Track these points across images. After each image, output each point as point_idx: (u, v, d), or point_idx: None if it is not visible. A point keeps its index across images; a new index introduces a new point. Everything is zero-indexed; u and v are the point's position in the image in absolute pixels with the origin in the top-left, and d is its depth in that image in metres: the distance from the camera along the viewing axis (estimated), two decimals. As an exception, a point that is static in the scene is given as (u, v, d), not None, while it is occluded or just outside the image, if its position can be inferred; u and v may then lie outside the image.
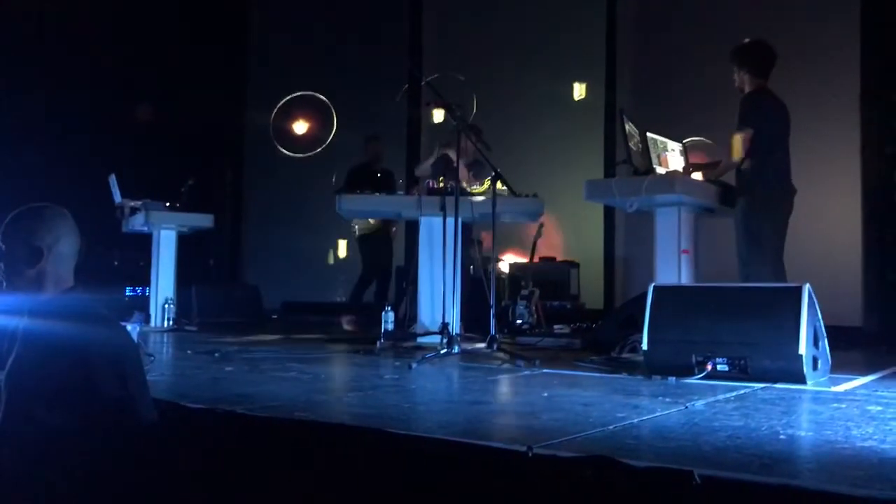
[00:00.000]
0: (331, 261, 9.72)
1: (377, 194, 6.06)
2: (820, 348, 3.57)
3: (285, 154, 8.60)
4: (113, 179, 7.29)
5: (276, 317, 8.84)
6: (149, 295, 7.42)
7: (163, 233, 7.25)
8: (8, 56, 8.30)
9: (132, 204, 7.20)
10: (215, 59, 10.60)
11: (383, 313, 5.65)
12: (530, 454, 1.86)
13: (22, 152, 8.28)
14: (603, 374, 3.79)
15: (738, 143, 4.58)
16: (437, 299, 5.28)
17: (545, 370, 3.92)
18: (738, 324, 3.51)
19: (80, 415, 1.99)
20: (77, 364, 2.00)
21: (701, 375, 3.44)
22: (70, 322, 2.07)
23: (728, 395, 3.05)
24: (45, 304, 2.15)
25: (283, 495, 2.08)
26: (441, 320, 4.95)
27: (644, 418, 2.53)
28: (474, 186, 5.82)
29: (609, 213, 7.95)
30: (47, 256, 2.17)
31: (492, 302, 4.76)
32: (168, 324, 6.88)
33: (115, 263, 8.89)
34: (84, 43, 8.76)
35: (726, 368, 3.46)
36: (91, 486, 1.99)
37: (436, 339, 4.85)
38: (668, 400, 2.93)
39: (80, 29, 8.78)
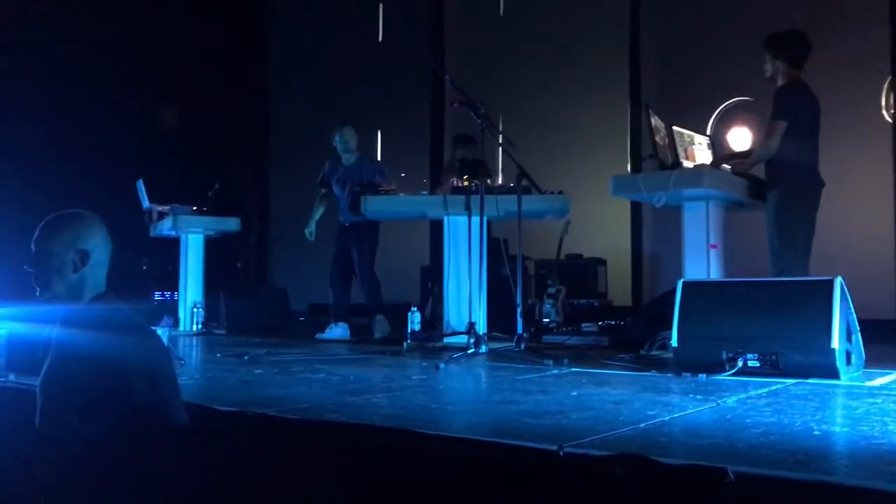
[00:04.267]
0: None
1: (402, 195, 6.07)
2: (853, 342, 3.52)
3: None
4: (140, 184, 7.36)
5: (303, 319, 8.88)
6: (177, 299, 7.49)
7: (190, 237, 7.30)
8: (32, 61, 8.42)
9: (160, 209, 7.27)
10: (239, 63, 10.67)
11: (409, 314, 5.66)
12: (561, 453, 1.85)
13: (48, 158, 8.41)
14: (632, 372, 3.77)
15: (770, 134, 4.52)
16: (464, 299, 5.28)
17: (573, 369, 3.90)
18: (768, 319, 3.47)
19: (114, 420, 2.01)
20: (111, 372, 2.02)
21: (732, 372, 3.41)
22: (103, 331, 2.09)
23: (760, 392, 3.02)
24: (78, 313, 2.18)
25: (315, 497, 2.08)
26: (467, 320, 4.95)
27: (675, 416, 2.50)
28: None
29: (636, 208, 7.90)
30: (91, 262, 2.20)
31: (518, 301, 4.75)
32: (197, 327, 6.93)
33: (144, 268, 8.98)
34: (107, 48, 8.86)
35: (757, 364, 3.43)
36: (125, 489, 2.01)
37: (462, 339, 4.84)
38: (699, 397, 2.90)
39: (103, 33, 8.87)
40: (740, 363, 3.42)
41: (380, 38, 9.84)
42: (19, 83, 8.38)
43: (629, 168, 7.40)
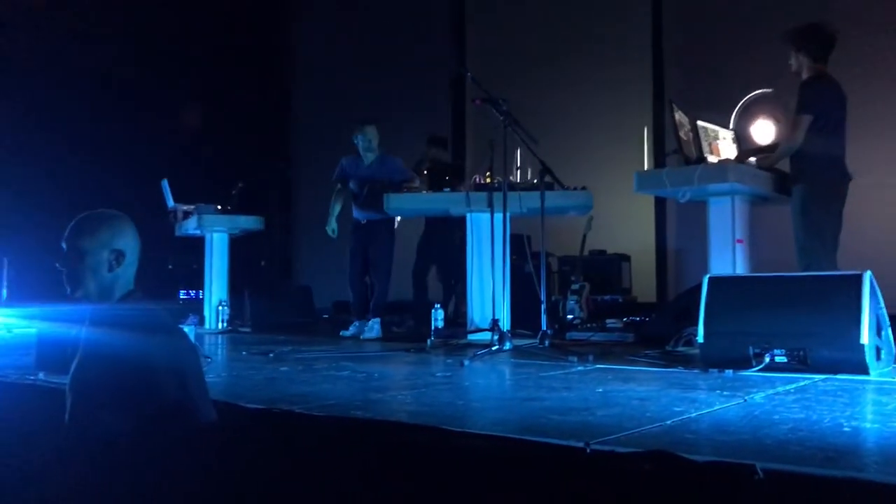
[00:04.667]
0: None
1: (425, 192, 6.07)
2: (883, 337, 3.48)
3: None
4: (165, 184, 7.43)
5: (326, 316, 8.92)
6: (202, 297, 7.54)
7: (215, 235, 7.35)
8: (58, 62, 8.52)
9: (184, 208, 7.32)
10: (262, 63, 10.73)
11: (433, 311, 5.66)
12: (588, 450, 1.85)
13: (74, 158, 8.51)
14: (658, 369, 3.75)
15: (795, 128, 4.47)
16: (487, 296, 5.28)
17: (598, 365, 3.89)
18: (796, 314, 3.44)
19: (143, 417, 2.03)
20: (139, 370, 2.04)
21: (759, 368, 3.38)
22: (132, 330, 2.11)
23: (788, 388, 2.99)
24: (106, 312, 2.20)
25: (341, 493, 2.09)
26: (491, 317, 4.94)
27: (702, 412, 2.49)
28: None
29: (660, 203, 7.85)
30: (125, 261, 2.22)
31: (542, 297, 4.73)
32: (222, 326, 6.98)
33: (169, 267, 9.06)
34: (132, 49, 8.95)
35: (785, 360, 3.40)
36: (154, 486, 2.03)
37: (486, 336, 4.84)
38: (725, 393, 2.88)
39: (127, 35, 8.96)
40: (767, 359, 3.39)
41: (401, 37, 9.83)
42: (45, 84, 8.49)
43: (653, 163, 7.34)
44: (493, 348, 4.45)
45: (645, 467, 1.75)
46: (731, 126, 5.14)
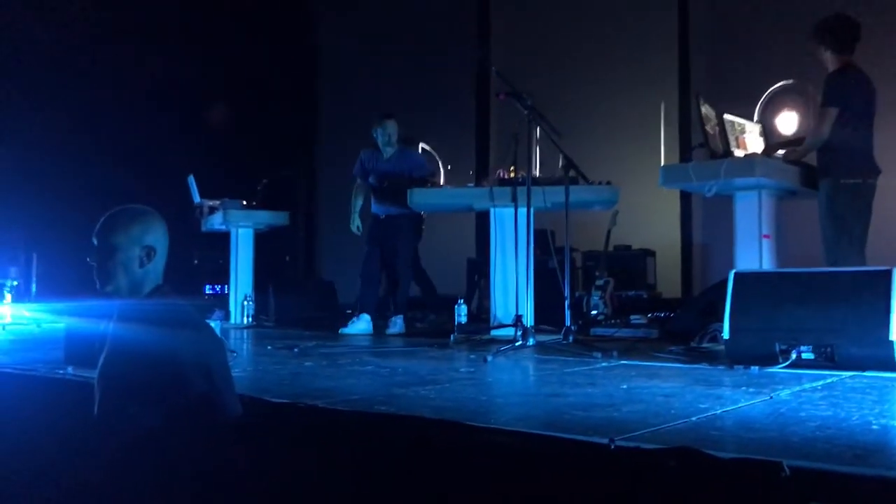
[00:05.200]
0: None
1: (448, 187, 6.07)
2: (912, 334, 3.43)
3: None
4: (191, 180, 7.49)
5: (350, 312, 8.95)
6: (228, 293, 7.60)
7: (240, 231, 7.41)
8: (82, 60, 8.61)
9: (210, 203, 7.38)
10: (288, 59, 10.78)
11: (456, 307, 5.67)
12: (612, 446, 1.84)
13: (102, 155, 8.61)
14: (683, 365, 3.72)
15: (821, 122, 4.42)
16: (510, 291, 5.27)
17: (623, 361, 3.87)
18: (823, 310, 3.40)
19: (170, 410, 2.05)
20: (167, 365, 2.06)
21: (785, 364, 3.35)
22: (159, 325, 2.13)
23: (815, 385, 2.96)
24: (134, 307, 2.22)
25: (366, 488, 2.10)
26: (514, 312, 4.93)
27: (727, 409, 2.47)
28: None
29: (686, 198, 7.79)
30: (155, 257, 2.24)
31: (566, 293, 4.72)
32: (247, 320, 7.03)
33: (195, 262, 9.14)
34: (158, 48, 9.02)
35: (812, 357, 3.36)
36: (181, 478, 2.06)
37: (509, 331, 4.84)
38: (751, 390, 2.86)
39: (154, 34, 9.04)
40: (794, 355, 3.36)
41: (426, 32, 9.83)
42: (72, 82, 8.59)
43: (678, 157, 7.29)
44: (517, 344, 4.45)
45: (670, 464, 1.74)
46: (755, 118, 5.09)
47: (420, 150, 6.83)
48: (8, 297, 6.85)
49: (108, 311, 2.30)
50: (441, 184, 6.19)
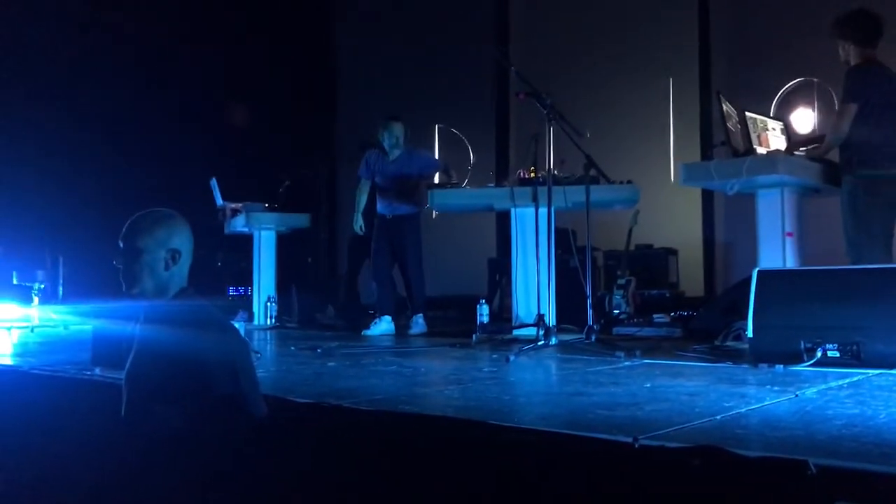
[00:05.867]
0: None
1: (468, 187, 6.08)
2: (939, 331, 3.39)
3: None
4: (214, 183, 7.55)
5: (371, 312, 8.97)
6: (251, 294, 7.65)
7: (263, 233, 7.46)
8: (105, 63, 8.71)
9: (233, 206, 7.44)
10: (307, 61, 10.83)
11: (477, 306, 5.67)
12: (636, 445, 1.84)
13: (125, 158, 8.70)
14: (706, 364, 3.71)
15: (841, 118, 4.38)
16: (532, 291, 5.27)
17: (646, 360, 3.86)
18: (848, 307, 3.37)
19: (196, 411, 2.08)
20: (193, 366, 2.09)
21: (810, 362, 3.32)
22: (185, 327, 2.16)
23: (840, 383, 2.94)
24: (160, 309, 2.25)
25: (389, 487, 2.12)
26: (536, 312, 4.93)
27: (752, 407, 2.46)
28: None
29: (707, 196, 7.75)
30: (180, 260, 2.27)
31: (588, 292, 4.71)
32: (270, 321, 7.07)
33: (218, 264, 9.21)
34: (179, 49, 9.10)
35: (837, 355, 3.33)
36: (208, 477, 2.08)
37: (531, 331, 4.83)
38: (776, 388, 2.84)
39: (173, 34, 9.12)
40: (819, 353, 3.33)
41: (444, 32, 9.84)
42: (96, 86, 8.68)
43: (700, 155, 7.25)
44: (539, 343, 4.44)
45: (694, 462, 1.74)
46: (771, 115, 5.05)
47: (451, 137, 6.89)
48: (35, 299, 6.95)
49: (135, 314, 2.33)
50: (455, 180, 6.18)
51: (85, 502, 2.53)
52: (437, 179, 6.35)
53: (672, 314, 6.14)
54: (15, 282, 7.26)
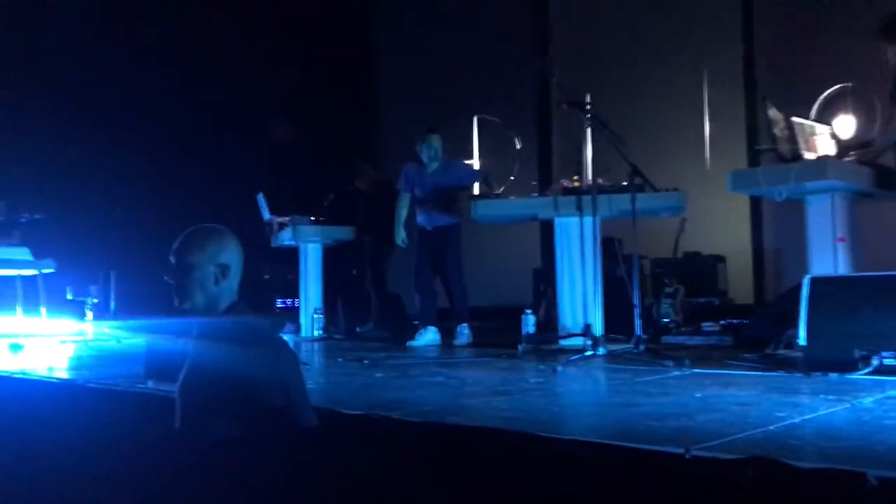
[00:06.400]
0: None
1: (512, 198, 6.07)
2: None
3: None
4: (261, 197, 7.65)
5: (416, 323, 9.00)
6: (297, 306, 7.73)
7: (309, 246, 7.54)
8: (154, 82, 8.90)
9: (280, 220, 7.54)
10: (350, 74, 10.94)
11: (523, 316, 5.65)
12: (688, 456, 1.82)
13: (175, 175, 8.89)
14: (758, 373, 3.65)
15: (890, 121, 4.29)
16: (578, 301, 5.23)
17: (696, 370, 3.81)
18: (906, 315, 3.29)
19: (248, 424, 2.10)
20: (244, 381, 2.12)
21: (866, 371, 3.25)
22: (237, 341, 2.19)
23: (899, 391, 2.87)
24: (213, 324, 2.29)
25: (440, 499, 2.12)
26: (583, 322, 4.90)
27: (806, 417, 2.41)
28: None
29: (756, 203, 7.64)
30: (230, 274, 2.31)
31: (636, 301, 4.67)
32: (317, 333, 7.14)
33: (265, 277, 9.31)
34: (224, 66, 9.27)
35: (894, 363, 3.25)
36: (260, 489, 2.11)
37: (578, 341, 4.80)
38: (831, 398, 2.78)
39: (219, 52, 9.29)
40: (875, 362, 3.26)
41: (486, 42, 9.86)
42: (145, 105, 8.89)
43: (746, 162, 7.15)
44: (587, 353, 4.41)
45: (748, 474, 1.71)
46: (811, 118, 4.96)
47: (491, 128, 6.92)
48: (89, 314, 7.10)
49: (187, 329, 2.37)
50: (497, 190, 6.17)
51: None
52: (476, 190, 6.36)
53: (721, 322, 6.06)
54: (69, 297, 7.42)
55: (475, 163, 7.21)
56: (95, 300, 7.33)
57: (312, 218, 7.50)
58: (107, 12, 8.69)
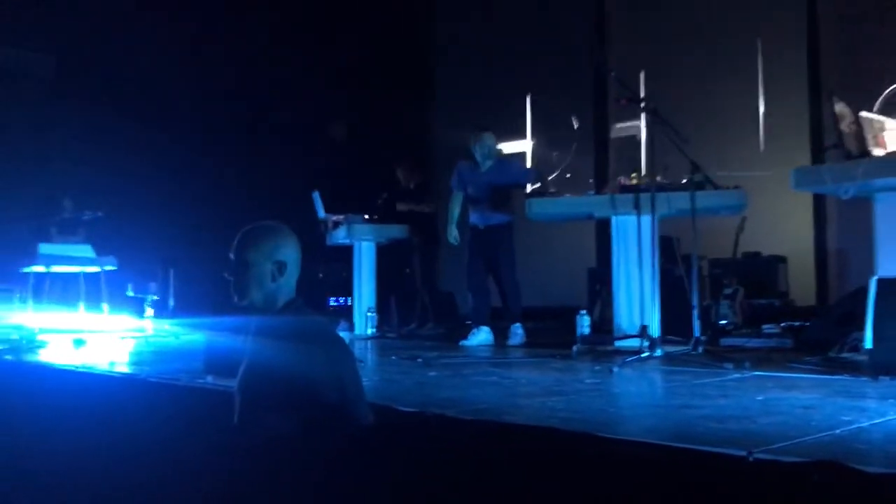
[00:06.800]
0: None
1: (567, 195, 6.01)
2: None
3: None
4: (316, 196, 7.72)
5: (469, 322, 8.99)
6: (351, 304, 7.78)
7: (363, 244, 7.58)
8: (212, 84, 9.07)
9: (335, 218, 7.59)
10: (404, 72, 10.99)
11: (577, 317, 5.59)
12: (751, 458, 1.77)
13: (233, 174, 9.03)
14: (821, 376, 3.55)
15: None
16: (635, 301, 5.16)
17: (756, 372, 3.72)
18: (979, 317, 3.17)
19: (306, 419, 2.12)
20: (301, 377, 2.14)
21: (937, 375, 3.14)
22: (295, 338, 2.21)
23: (972, 397, 2.76)
24: (270, 321, 2.31)
25: (496, 497, 2.11)
26: (639, 323, 4.83)
27: (874, 422, 2.34)
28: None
29: (819, 201, 7.46)
30: (286, 271, 2.33)
31: (694, 302, 4.58)
32: (370, 332, 7.17)
33: (320, 276, 9.40)
34: (278, 67, 9.40)
35: (966, 367, 3.14)
36: (317, 484, 2.12)
37: (634, 342, 4.73)
38: (900, 402, 2.70)
39: (275, 53, 9.42)
40: (947, 366, 3.14)
41: (542, 39, 9.80)
42: (204, 106, 9.06)
43: (810, 159, 6.99)
44: (643, 355, 4.35)
45: (813, 478, 1.67)
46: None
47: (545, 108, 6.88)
48: (149, 311, 7.26)
49: (245, 326, 2.40)
50: (552, 188, 6.11)
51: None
52: (529, 189, 6.32)
53: (782, 324, 5.92)
54: (130, 294, 7.59)
55: (528, 143, 7.14)
56: (155, 297, 7.48)
57: (366, 216, 7.54)
58: (165, 19, 8.88)
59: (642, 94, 4.84)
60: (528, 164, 6.85)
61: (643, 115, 4.86)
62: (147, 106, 8.92)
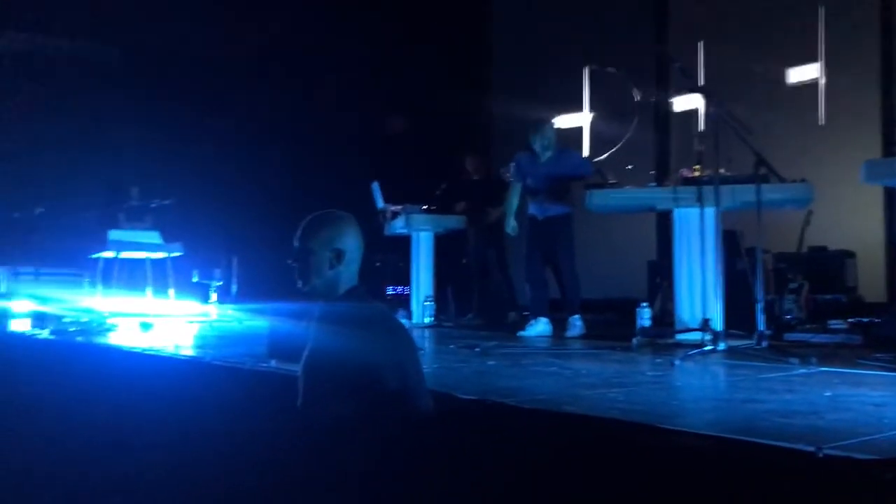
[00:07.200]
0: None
1: (628, 187, 5.94)
2: None
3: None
4: (375, 186, 7.78)
5: (527, 313, 8.96)
6: (408, 293, 7.83)
7: (421, 234, 7.62)
8: (273, 74, 9.21)
9: (393, 208, 7.65)
10: (463, 63, 10.98)
11: (638, 309, 5.53)
12: (820, 454, 1.73)
13: (296, 165, 9.17)
14: (892, 373, 3.45)
15: None
16: (696, 294, 5.08)
17: (823, 368, 3.64)
18: None
19: (368, 405, 2.15)
20: (363, 364, 2.17)
21: None
22: (356, 324, 2.25)
23: None
24: (333, 308, 2.35)
25: (557, 487, 2.10)
26: (701, 316, 4.75)
27: (949, 421, 2.27)
28: None
29: (890, 195, 7.22)
30: (345, 259, 2.36)
31: (759, 296, 4.49)
32: (427, 320, 7.21)
33: (377, 265, 9.48)
34: (341, 59, 9.49)
35: None
36: (378, 470, 2.15)
37: (695, 335, 4.66)
38: (978, 401, 2.61)
39: (337, 46, 9.51)
40: None
41: (602, 28, 9.69)
42: (268, 98, 9.20)
43: (881, 151, 6.77)
44: (706, 348, 4.28)
45: (886, 476, 1.62)
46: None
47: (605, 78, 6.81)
48: (213, 296, 7.42)
49: (308, 311, 2.44)
50: (612, 180, 6.04)
51: (259, 487, 2.66)
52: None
53: (850, 320, 5.77)
54: (195, 279, 7.77)
55: (586, 116, 7.00)
56: (220, 283, 7.64)
57: (425, 207, 7.57)
58: (229, 9, 9.04)
59: (701, 73, 4.72)
60: (586, 146, 6.77)
61: (703, 101, 4.75)
62: (213, 96, 9.11)
